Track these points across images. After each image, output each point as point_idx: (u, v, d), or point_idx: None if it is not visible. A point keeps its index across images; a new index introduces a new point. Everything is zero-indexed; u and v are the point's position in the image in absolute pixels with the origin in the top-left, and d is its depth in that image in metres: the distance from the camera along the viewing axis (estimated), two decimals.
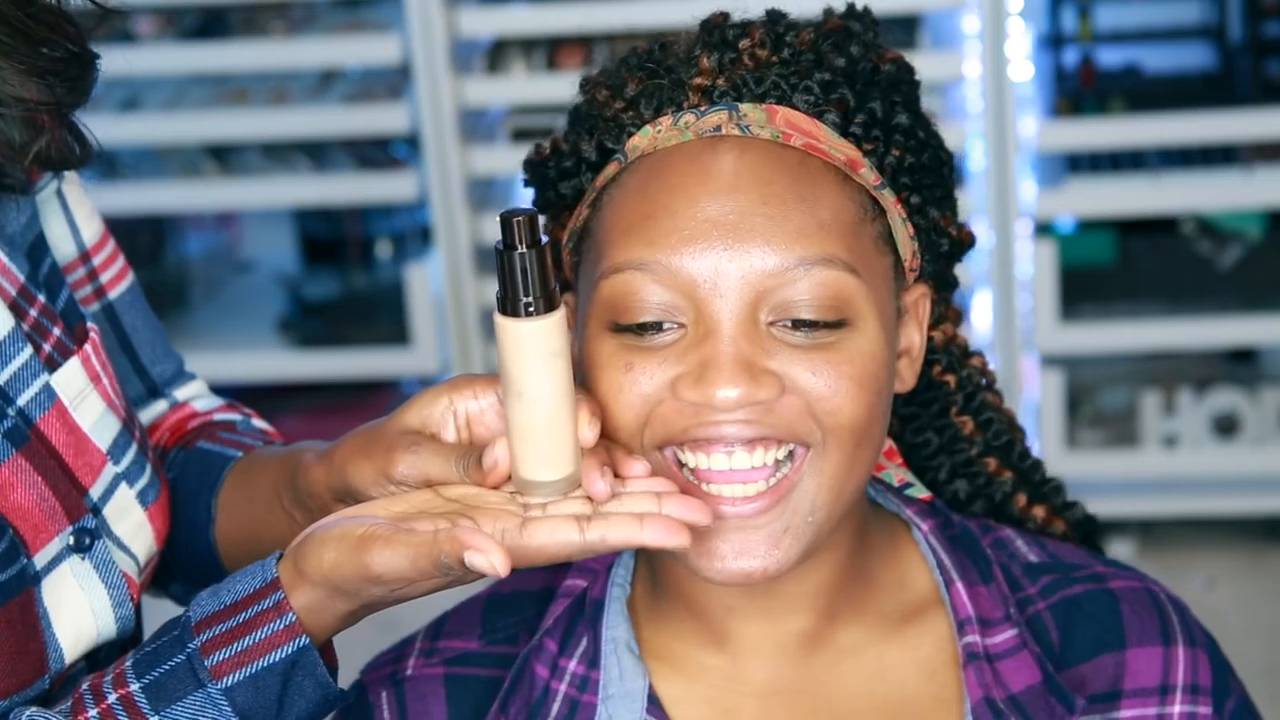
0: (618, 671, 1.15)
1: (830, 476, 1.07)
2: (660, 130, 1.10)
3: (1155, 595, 1.20)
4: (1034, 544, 1.22)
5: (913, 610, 1.18)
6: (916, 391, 1.23)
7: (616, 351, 1.07)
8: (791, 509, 1.07)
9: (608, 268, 1.08)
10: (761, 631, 1.15)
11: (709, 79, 1.11)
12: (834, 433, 1.07)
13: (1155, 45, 3.33)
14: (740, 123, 1.09)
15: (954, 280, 1.21)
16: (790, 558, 1.07)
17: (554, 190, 1.16)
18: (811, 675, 1.16)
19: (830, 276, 1.06)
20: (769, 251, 1.05)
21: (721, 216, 1.06)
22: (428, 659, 1.19)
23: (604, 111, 1.13)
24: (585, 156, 1.13)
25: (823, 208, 1.07)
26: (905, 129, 1.12)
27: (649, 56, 1.14)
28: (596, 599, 1.18)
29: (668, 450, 1.08)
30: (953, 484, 1.25)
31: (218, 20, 3.42)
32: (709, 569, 1.07)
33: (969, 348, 1.25)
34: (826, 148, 1.09)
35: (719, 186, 1.07)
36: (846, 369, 1.06)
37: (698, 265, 1.05)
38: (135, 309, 1.32)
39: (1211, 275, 3.23)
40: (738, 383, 1.04)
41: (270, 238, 3.74)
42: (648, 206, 1.08)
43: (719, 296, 1.05)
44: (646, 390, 1.06)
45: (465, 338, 3.28)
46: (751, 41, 1.12)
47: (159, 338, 1.35)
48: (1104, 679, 1.17)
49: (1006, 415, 1.27)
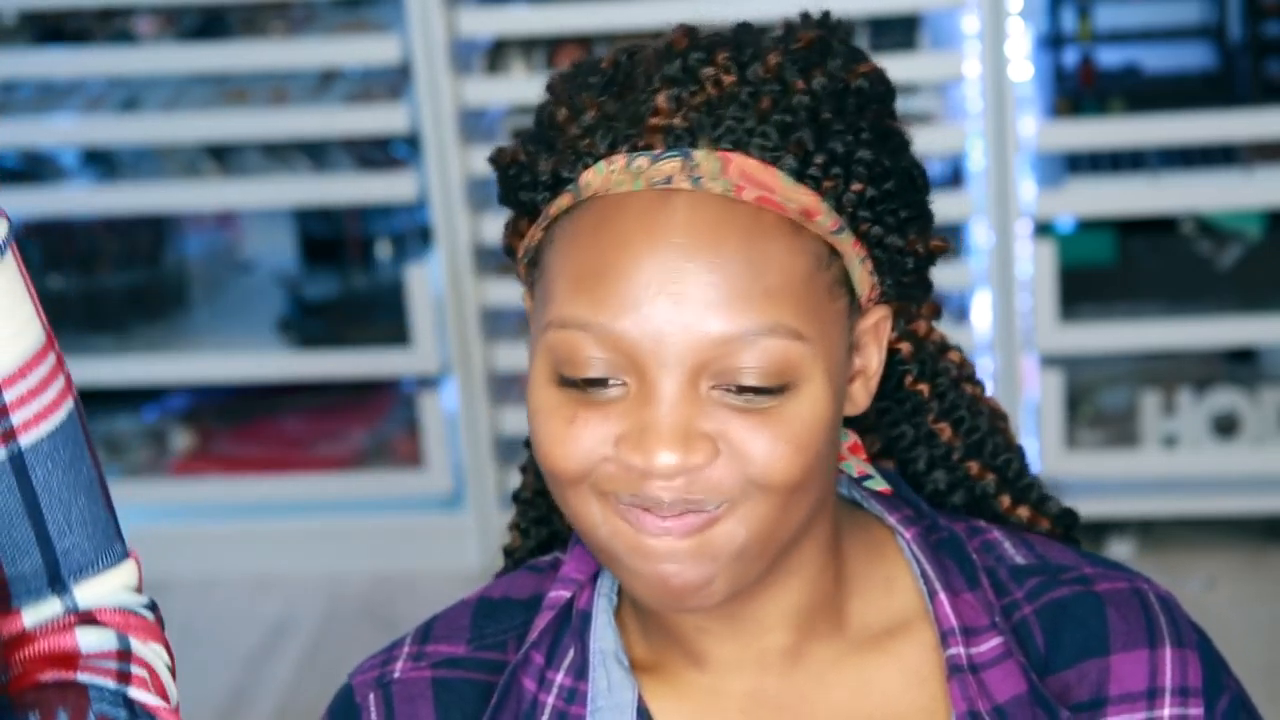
0: (606, 684, 1.15)
1: (759, 522, 1.08)
2: (614, 170, 1.09)
3: (1143, 595, 1.19)
4: (1022, 545, 1.21)
5: (899, 620, 1.17)
6: (888, 391, 1.22)
7: (562, 403, 1.08)
8: (718, 544, 1.07)
9: (554, 320, 1.08)
10: (736, 650, 1.15)
11: (665, 119, 1.09)
12: (764, 489, 1.07)
13: (1155, 45, 3.33)
14: (693, 174, 1.07)
15: (926, 286, 1.19)
16: (720, 586, 1.08)
17: (514, 195, 1.15)
18: (795, 689, 1.15)
19: (775, 345, 1.06)
20: (713, 320, 1.05)
21: (666, 283, 1.05)
22: (415, 663, 1.19)
23: (562, 134, 1.12)
24: (541, 178, 1.12)
25: (771, 270, 1.06)
26: (868, 162, 1.10)
27: (613, 75, 1.12)
28: (583, 610, 1.17)
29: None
30: (932, 474, 1.25)
31: (218, 20, 3.42)
32: (644, 595, 1.09)
33: (944, 343, 1.25)
34: (781, 199, 1.08)
35: (666, 249, 1.06)
36: (784, 431, 1.06)
37: (639, 332, 1.05)
38: (57, 460, 1.08)
39: (1211, 275, 3.23)
40: (674, 449, 1.05)
41: (270, 238, 3.74)
42: (595, 262, 1.07)
43: (661, 365, 1.05)
44: (588, 445, 1.07)
45: (465, 338, 3.28)
46: (714, 69, 1.10)
47: (88, 502, 1.11)
48: (1089, 686, 1.16)
49: (988, 405, 1.26)
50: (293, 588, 3.36)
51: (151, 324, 3.54)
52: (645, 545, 1.07)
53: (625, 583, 1.11)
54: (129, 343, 3.47)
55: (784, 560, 1.12)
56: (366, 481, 3.44)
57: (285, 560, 3.40)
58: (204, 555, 3.40)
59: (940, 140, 3.13)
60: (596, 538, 1.10)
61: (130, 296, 3.53)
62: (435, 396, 3.34)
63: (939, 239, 1.18)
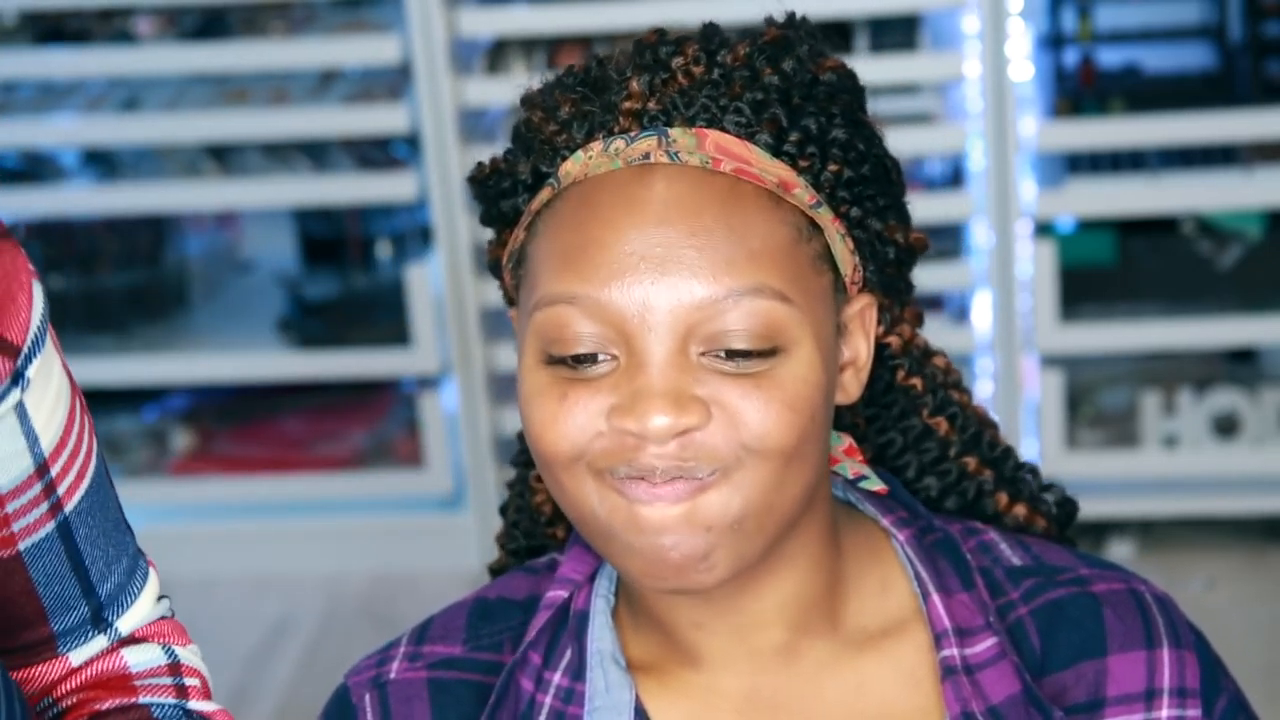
0: (603, 684, 1.15)
1: (753, 489, 1.07)
2: (592, 156, 1.10)
3: (1140, 596, 1.19)
4: (1018, 546, 1.21)
5: (895, 621, 1.17)
6: (876, 395, 1.23)
7: (552, 383, 1.08)
8: (713, 512, 1.07)
9: (540, 299, 1.09)
10: (732, 647, 1.15)
11: (639, 103, 1.11)
12: (759, 454, 1.07)
13: (1155, 45, 3.33)
14: (669, 149, 1.09)
15: (908, 284, 1.21)
16: (720, 561, 1.08)
17: (496, 208, 1.17)
18: (789, 688, 1.16)
19: (760, 306, 1.06)
20: (697, 284, 1.06)
21: (649, 250, 1.06)
22: (411, 663, 1.19)
23: (539, 133, 1.14)
24: (521, 179, 1.14)
25: (753, 235, 1.07)
26: (842, 143, 1.12)
27: (584, 76, 1.14)
28: (581, 611, 1.17)
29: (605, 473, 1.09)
30: (923, 481, 1.25)
31: (218, 20, 3.42)
32: (643, 577, 1.09)
33: (929, 348, 1.25)
34: (758, 171, 1.09)
35: (646, 219, 1.07)
36: (777, 394, 1.07)
37: (625, 299, 1.06)
38: (93, 512, 1.13)
39: (1211, 275, 3.23)
40: (667, 411, 1.05)
41: (270, 238, 3.74)
42: (577, 238, 1.08)
43: (648, 330, 1.06)
44: (581, 422, 1.07)
45: (465, 338, 3.28)
46: (684, 59, 1.12)
47: (116, 535, 1.16)
48: (1085, 687, 1.16)
49: (976, 412, 1.26)
50: (293, 588, 3.36)
51: (151, 324, 3.54)
52: (640, 516, 1.07)
53: (624, 566, 1.10)
54: (129, 343, 3.47)
55: (781, 548, 1.12)
56: (366, 481, 3.44)
57: (285, 560, 3.40)
58: (204, 555, 3.40)
59: (940, 140, 3.13)
60: (595, 521, 1.09)
61: (130, 296, 3.53)
62: (435, 396, 3.34)
63: (919, 233, 1.19)
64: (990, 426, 1.27)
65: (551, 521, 1.29)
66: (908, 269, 1.19)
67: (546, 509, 1.29)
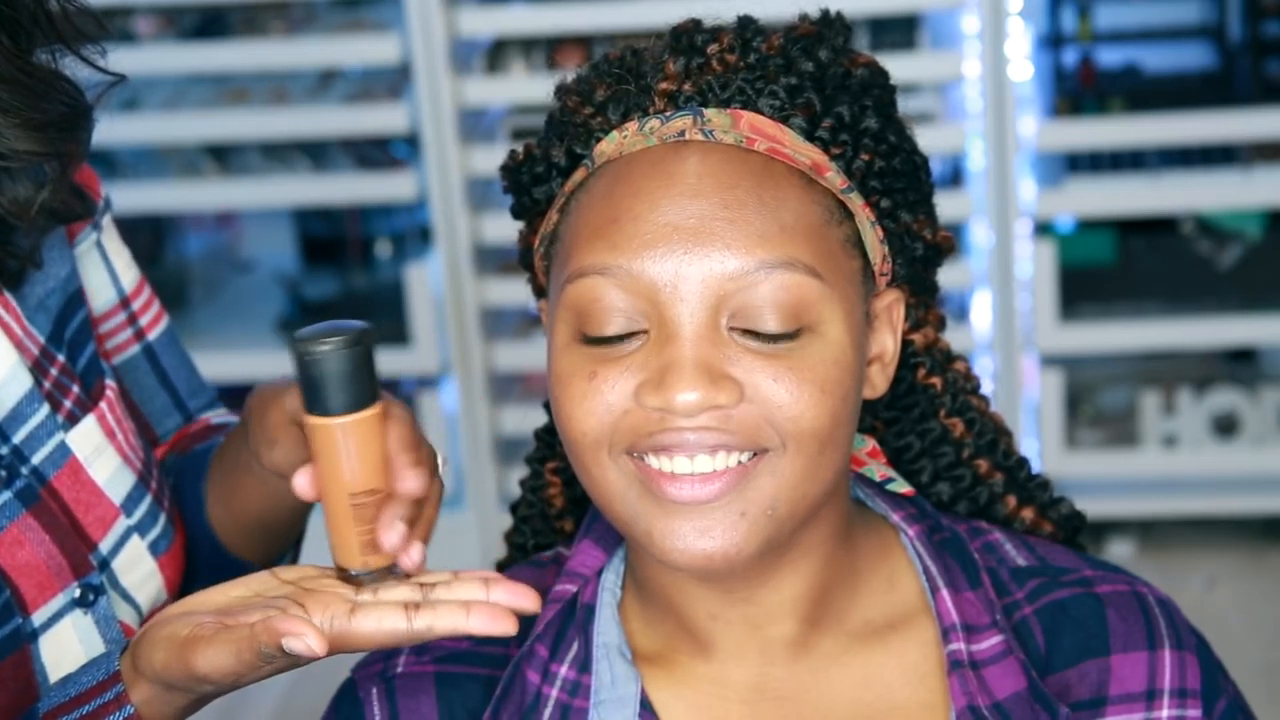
0: (609, 676, 1.15)
1: (790, 478, 1.07)
2: (626, 136, 1.11)
3: (1143, 598, 1.20)
4: (1023, 547, 1.22)
5: (901, 616, 1.18)
6: (898, 395, 1.23)
7: (582, 361, 1.08)
8: (748, 498, 1.07)
9: (572, 272, 1.09)
10: (745, 638, 1.15)
11: (675, 84, 1.12)
12: (795, 438, 1.07)
13: (1155, 45, 3.34)
14: (704, 128, 1.09)
15: (933, 285, 1.21)
16: (750, 544, 1.07)
17: (528, 195, 1.17)
18: (798, 681, 1.16)
19: (792, 280, 1.06)
20: (729, 255, 1.06)
21: (682, 220, 1.06)
22: (418, 657, 1.19)
23: (574, 117, 1.14)
24: (555, 162, 1.15)
25: (785, 211, 1.07)
26: (874, 133, 1.13)
27: (620, 62, 1.15)
28: (587, 603, 1.18)
29: (634, 454, 1.08)
30: (935, 486, 1.25)
31: (217, 20, 3.42)
32: (671, 552, 1.07)
33: (951, 352, 1.26)
34: (791, 152, 1.09)
35: (680, 190, 1.07)
36: (808, 375, 1.06)
37: (658, 269, 1.06)
38: (172, 350, 1.38)
39: (1211, 275, 3.23)
40: (697, 386, 1.05)
41: (270, 238, 3.74)
42: (611, 211, 1.08)
43: (680, 300, 1.06)
44: (610, 399, 1.07)
45: (465, 337, 3.28)
46: (720, 46, 1.13)
47: (194, 374, 1.41)
48: (1089, 685, 1.17)
49: (994, 419, 1.27)
50: None
51: None
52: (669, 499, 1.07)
53: (656, 550, 1.09)
54: None
55: (800, 539, 1.12)
56: None
57: None
58: None
59: (940, 140, 3.13)
60: (623, 507, 1.09)
61: None
62: (435, 396, 3.34)
63: (946, 233, 1.20)
64: (1006, 435, 1.27)
65: (561, 515, 1.29)
66: (934, 267, 1.20)
67: (558, 501, 1.29)
